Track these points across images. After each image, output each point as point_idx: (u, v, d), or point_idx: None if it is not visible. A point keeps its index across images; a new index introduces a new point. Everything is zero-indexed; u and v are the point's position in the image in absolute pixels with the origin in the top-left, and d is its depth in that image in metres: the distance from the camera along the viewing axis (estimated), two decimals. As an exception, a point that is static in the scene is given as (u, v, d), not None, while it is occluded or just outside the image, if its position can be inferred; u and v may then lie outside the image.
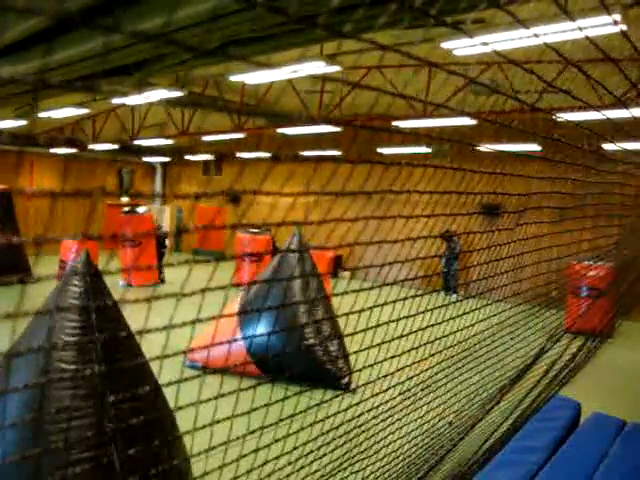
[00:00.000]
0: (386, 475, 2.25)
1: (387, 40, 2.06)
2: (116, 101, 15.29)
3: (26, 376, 3.97)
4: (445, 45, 8.55)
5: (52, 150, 22.34)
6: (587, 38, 1.57)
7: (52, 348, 4.00)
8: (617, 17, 6.30)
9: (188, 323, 1.32)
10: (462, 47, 8.65)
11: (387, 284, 1.93)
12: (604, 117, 2.82)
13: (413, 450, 2.42)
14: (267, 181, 21.19)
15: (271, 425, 1.65)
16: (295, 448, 1.83)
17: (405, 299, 2.04)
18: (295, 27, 5.68)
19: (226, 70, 11.51)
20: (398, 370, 2.18)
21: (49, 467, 3.70)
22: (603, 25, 5.49)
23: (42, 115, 16.18)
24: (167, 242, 19.07)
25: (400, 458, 2.32)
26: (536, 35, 1.55)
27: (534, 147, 11.15)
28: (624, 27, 6.23)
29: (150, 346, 2.58)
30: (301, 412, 1.79)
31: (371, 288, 1.84)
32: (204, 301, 1.39)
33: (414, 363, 2.31)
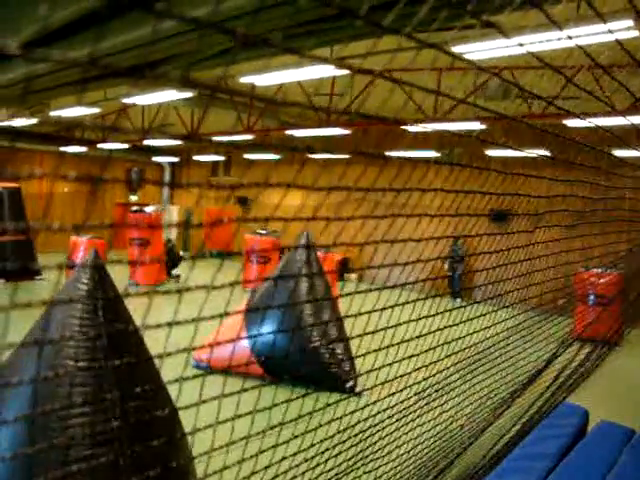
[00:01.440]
0: (397, 476, 2.24)
1: (391, 45, 2.06)
2: (126, 101, 15.35)
3: (33, 374, 3.98)
4: (456, 49, 8.53)
5: (62, 148, 22.45)
6: (617, 42, 1.55)
7: (58, 341, 4.01)
8: (630, 23, 6.28)
9: (191, 321, 1.31)
10: (472, 51, 8.63)
11: (393, 286, 1.93)
12: (619, 122, 2.80)
13: (425, 452, 2.41)
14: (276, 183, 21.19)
15: (275, 427, 1.64)
16: (300, 451, 1.82)
17: (414, 302, 2.03)
18: (335, 24, 5.63)
19: (235, 71, 11.52)
20: (407, 374, 2.17)
21: (53, 463, 3.71)
22: (618, 30, 5.47)
23: (53, 114, 16.26)
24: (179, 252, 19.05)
25: (411, 460, 2.30)
26: (570, 37, 1.53)
27: (545, 153, 11.10)
28: (636, 33, 6.20)
29: (157, 348, 2.57)
30: (306, 414, 1.78)
31: (372, 290, 1.83)
32: (211, 303, 1.38)
33: (421, 367, 2.30)
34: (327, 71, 10.19)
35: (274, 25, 5.33)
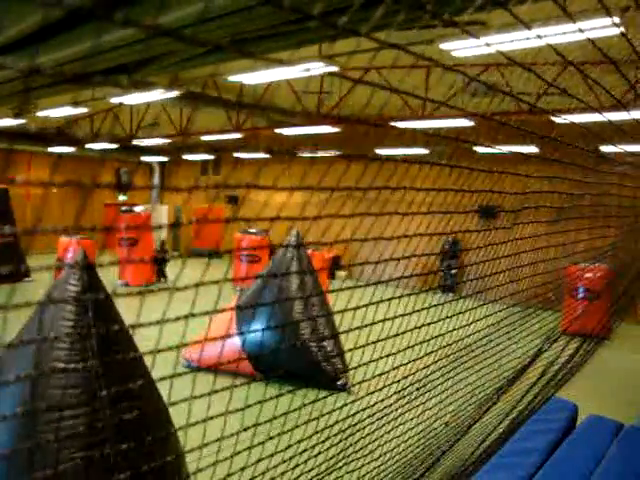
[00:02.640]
0: (382, 475, 2.24)
1: (375, 43, 2.06)
2: (114, 100, 15.27)
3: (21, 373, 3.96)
4: (444, 46, 8.55)
5: (50, 149, 22.30)
6: (589, 40, 1.56)
7: (48, 340, 3.99)
8: (616, 20, 6.30)
9: (182, 317, 1.31)
10: (461, 48, 8.66)
11: (381, 282, 1.92)
12: (602, 119, 2.82)
13: (410, 450, 2.42)
14: (265, 181, 21.17)
15: (265, 422, 1.64)
16: (289, 446, 1.82)
17: (400, 297, 2.03)
18: (314, 25, 5.64)
19: (225, 70, 11.49)
20: (393, 369, 2.17)
21: (41, 462, 3.69)
22: (602, 27, 5.49)
23: (40, 114, 16.14)
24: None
25: (395, 458, 2.31)
26: (539, 36, 1.54)
27: (531, 149, 11.17)
28: (622, 29, 6.22)
29: (148, 346, 2.57)
30: (295, 410, 1.78)
31: (361, 286, 1.83)
32: (201, 303, 1.38)
33: (409, 362, 2.30)
34: (315, 69, 10.17)
35: (243, 29, 5.34)
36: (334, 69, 10.31)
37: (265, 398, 1.71)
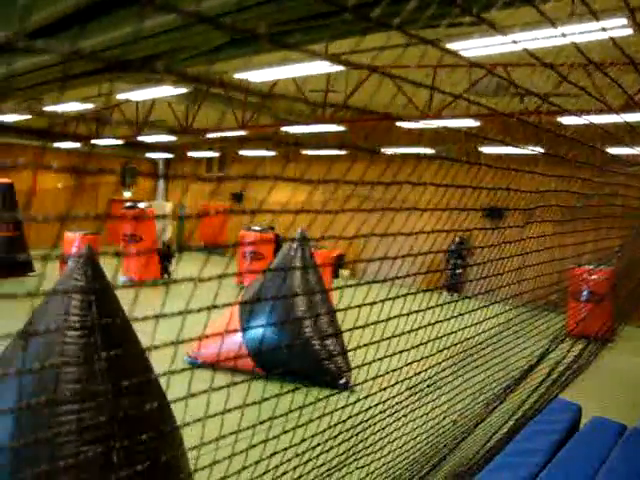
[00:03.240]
0: (390, 472, 2.25)
1: (380, 42, 2.06)
2: (120, 97, 15.29)
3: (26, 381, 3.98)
4: (450, 46, 8.54)
5: (56, 144, 22.36)
6: (611, 40, 1.56)
7: (54, 330, 4.01)
8: (624, 21, 6.30)
9: (184, 312, 1.31)
10: (466, 49, 8.64)
11: (385, 280, 1.93)
12: (613, 120, 2.81)
13: (417, 448, 2.42)
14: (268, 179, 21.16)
15: (265, 421, 1.64)
16: (290, 446, 1.82)
17: (406, 295, 2.03)
18: (323, 21, 5.62)
19: (230, 67, 11.48)
20: (399, 369, 2.18)
21: (43, 458, 3.70)
22: (612, 28, 5.49)
23: (47, 109, 16.18)
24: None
25: (403, 456, 2.31)
26: (564, 35, 1.54)
27: (539, 150, 11.13)
28: (630, 31, 6.22)
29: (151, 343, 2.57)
30: (297, 409, 1.78)
31: (363, 283, 1.83)
32: (204, 300, 1.38)
33: (413, 362, 2.30)
34: (321, 67, 10.17)
35: (285, 17, 5.33)
36: (339, 68, 10.32)
37: (266, 396, 1.71)
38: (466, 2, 1.04)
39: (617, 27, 5.66)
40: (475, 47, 8.48)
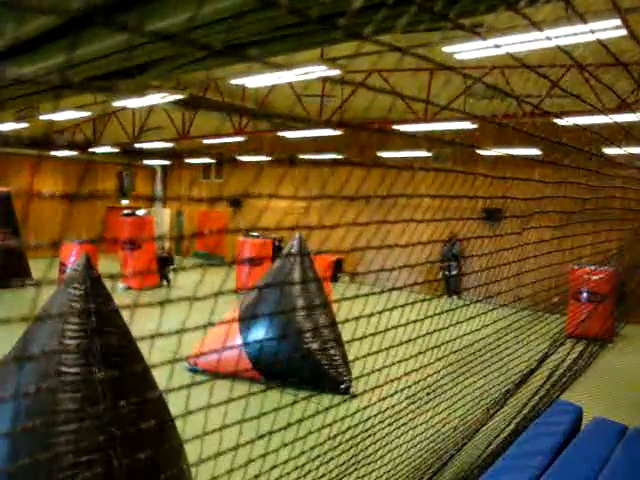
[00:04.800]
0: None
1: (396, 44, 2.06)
2: (117, 104, 15.30)
3: (26, 381, 3.96)
4: (447, 49, 8.55)
5: (53, 152, 22.35)
6: (598, 41, 1.56)
7: (54, 352, 3.99)
8: (618, 22, 6.30)
9: (181, 331, 1.30)
10: (463, 51, 8.65)
11: (389, 290, 1.92)
12: (608, 121, 2.82)
13: (418, 454, 2.41)
14: (267, 184, 21.19)
15: (264, 436, 1.64)
16: (291, 458, 1.81)
17: (404, 305, 2.03)
18: (314, 27, 5.65)
19: (228, 73, 11.50)
20: (400, 377, 2.17)
21: (48, 472, 3.68)
22: (611, 29, 5.49)
23: (42, 117, 16.17)
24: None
25: (405, 463, 2.30)
26: (549, 38, 1.54)
27: (535, 152, 11.15)
28: (624, 32, 6.23)
29: (152, 349, 2.57)
30: (296, 422, 1.78)
31: (368, 293, 1.83)
32: (203, 304, 1.38)
33: (413, 371, 2.30)
34: (317, 72, 10.17)
35: (252, 31, 5.35)
36: (336, 72, 10.32)
37: (267, 403, 1.71)
38: (445, 8, 1.04)
39: (610, 28, 5.67)
40: (470, 50, 8.50)
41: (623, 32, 6.01)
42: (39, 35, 5.52)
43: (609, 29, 5.39)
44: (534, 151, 11.18)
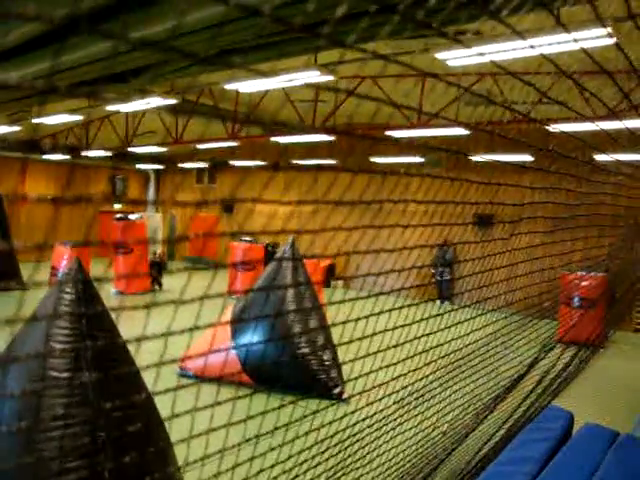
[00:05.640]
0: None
1: (385, 50, 2.07)
2: (110, 108, 15.27)
3: (16, 384, 3.94)
4: (439, 55, 8.60)
5: (45, 156, 22.29)
6: (583, 50, 1.58)
7: (44, 355, 3.97)
8: (609, 30, 6.35)
9: (180, 332, 1.30)
10: (457, 58, 8.70)
11: (379, 294, 1.92)
12: (598, 128, 2.83)
13: (407, 459, 2.41)
14: (260, 190, 21.18)
15: (263, 435, 1.63)
16: (278, 463, 1.81)
17: (396, 309, 2.03)
18: (298, 35, 5.70)
19: (221, 78, 11.52)
20: (392, 380, 2.17)
21: (39, 477, 3.66)
22: (596, 37, 5.53)
23: (35, 121, 16.12)
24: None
25: (393, 468, 2.30)
26: (532, 46, 1.56)
27: (527, 158, 11.21)
28: (614, 40, 6.27)
29: (142, 353, 2.55)
30: (283, 426, 1.77)
31: (358, 297, 1.83)
32: (196, 309, 1.38)
33: (406, 373, 2.30)
34: (311, 78, 10.20)
35: (236, 39, 5.38)
36: (329, 78, 10.36)
37: (259, 408, 1.70)
38: (428, 17, 1.05)
39: (593, 38, 5.73)
40: (461, 57, 8.55)
41: (609, 41, 6.07)
42: (23, 42, 5.53)
43: (590, 38, 5.44)
44: (527, 157, 11.25)
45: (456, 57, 8.65)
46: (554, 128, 2.69)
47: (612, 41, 6.09)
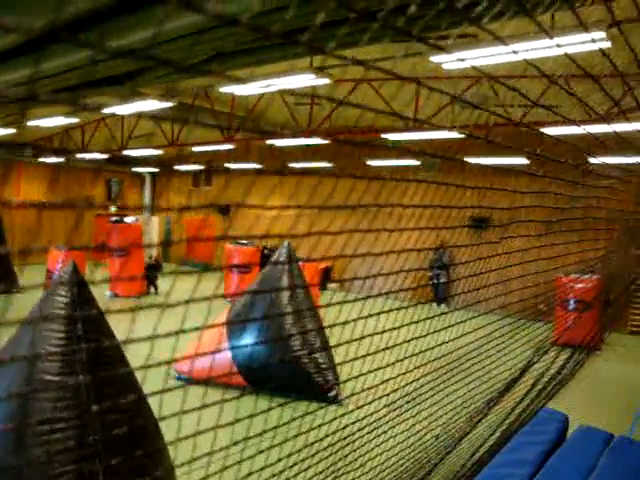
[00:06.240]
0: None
1: (374, 54, 2.08)
2: (106, 111, 15.24)
3: (8, 387, 3.93)
4: (434, 59, 8.61)
5: (40, 159, 22.22)
6: (566, 55, 1.58)
7: (37, 357, 3.96)
8: (602, 34, 6.37)
9: (173, 333, 1.30)
10: (451, 61, 8.71)
11: (375, 295, 1.93)
12: (601, 130, 2.85)
13: (400, 463, 2.41)
14: (255, 193, 21.17)
15: (255, 437, 1.63)
16: (279, 460, 1.81)
17: (391, 311, 2.03)
18: (279, 42, 5.75)
19: (216, 81, 11.51)
20: (384, 382, 2.17)
21: (30, 476, 3.65)
22: (584, 42, 5.55)
23: (31, 124, 16.09)
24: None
25: (386, 472, 2.30)
26: (515, 52, 1.56)
27: (521, 160, 11.23)
28: (608, 44, 6.30)
29: (137, 358, 2.55)
30: (286, 423, 1.78)
31: (356, 300, 1.83)
32: (193, 313, 1.38)
33: (403, 373, 2.30)
34: (307, 81, 10.21)
35: (217, 45, 5.42)
36: (326, 81, 10.36)
37: (255, 411, 1.70)
38: (408, 24, 1.06)
39: (602, 39, 5.75)
40: (457, 60, 8.55)
41: (598, 46, 6.09)
42: (5, 50, 5.54)
43: (576, 43, 5.47)
44: (520, 160, 11.28)
45: (450, 61, 8.66)
46: (545, 134, 2.70)
47: (602, 45, 6.13)
